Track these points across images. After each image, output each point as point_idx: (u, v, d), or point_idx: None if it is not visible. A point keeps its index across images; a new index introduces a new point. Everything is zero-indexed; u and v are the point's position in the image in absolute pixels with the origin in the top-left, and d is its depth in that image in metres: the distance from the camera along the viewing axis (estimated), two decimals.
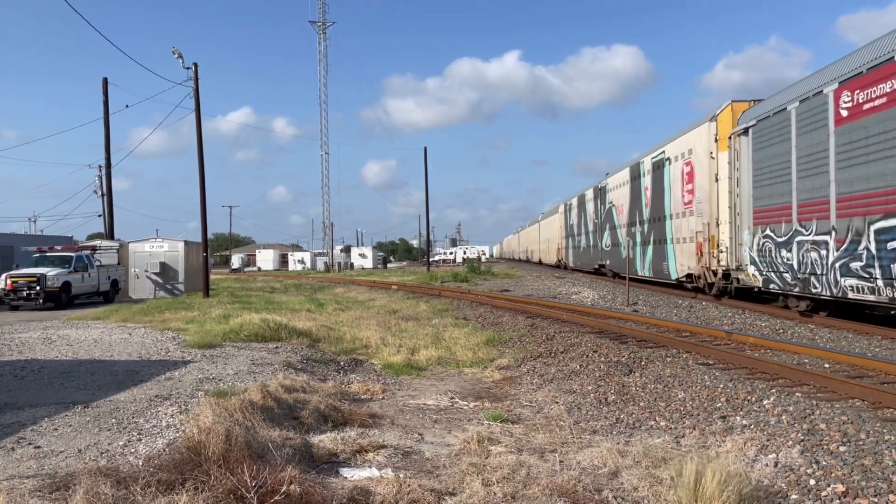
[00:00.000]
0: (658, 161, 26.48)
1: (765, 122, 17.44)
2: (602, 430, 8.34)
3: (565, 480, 6.09)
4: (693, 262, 22.06)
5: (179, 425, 7.78)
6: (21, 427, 7.91)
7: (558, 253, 56.89)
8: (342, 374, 12.64)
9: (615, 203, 34.48)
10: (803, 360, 10.82)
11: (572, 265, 49.47)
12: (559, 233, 56.29)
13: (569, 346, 13.79)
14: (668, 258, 25.14)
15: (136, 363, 12.36)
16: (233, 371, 11.55)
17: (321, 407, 9.05)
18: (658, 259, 26.58)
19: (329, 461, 7.10)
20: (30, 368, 11.76)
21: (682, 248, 23.33)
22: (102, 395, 9.62)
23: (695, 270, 22.05)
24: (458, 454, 7.32)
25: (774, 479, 5.99)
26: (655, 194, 26.74)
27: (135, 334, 16.50)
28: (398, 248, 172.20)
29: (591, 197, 41.35)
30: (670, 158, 24.75)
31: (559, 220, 56.11)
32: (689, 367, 10.74)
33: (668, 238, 25.05)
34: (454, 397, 10.84)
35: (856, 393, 8.24)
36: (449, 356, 14.45)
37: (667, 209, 25.22)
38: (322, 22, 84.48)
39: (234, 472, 5.67)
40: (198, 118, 31.56)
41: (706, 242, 20.69)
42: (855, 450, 6.33)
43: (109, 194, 39.15)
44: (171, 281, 34.59)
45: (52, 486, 5.70)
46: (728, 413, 8.15)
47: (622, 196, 32.67)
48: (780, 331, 14.88)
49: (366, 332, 17.48)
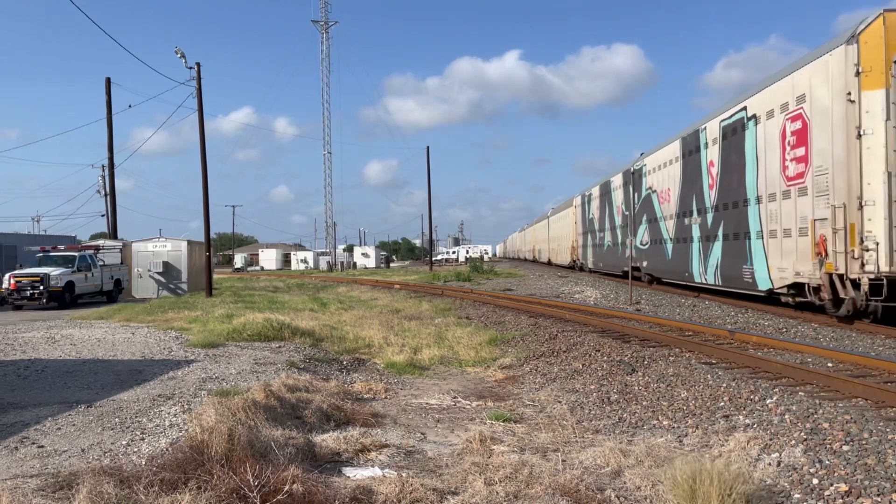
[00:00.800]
0: (733, 124, 19.28)
1: None
2: (605, 429, 8.33)
3: (568, 480, 6.09)
4: (805, 266, 15.06)
5: (182, 425, 7.79)
6: (25, 426, 7.92)
7: (572, 252, 49.95)
8: (345, 374, 12.65)
9: (656, 188, 27.18)
10: (807, 360, 10.80)
11: (592, 266, 41.99)
12: (573, 229, 49.02)
13: (571, 346, 13.78)
14: (753, 259, 18.02)
15: (139, 363, 12.38)
16: (236, 370, 11.56)
17: (324, 406, 9.05)
18: (732, 261, 19.23)
19: (332, 460, 7.11)
20: (33, 368, 11.79)
21: (780, 245, 16.47)
22: (106, 394, 9.64)
23: (809, 278, 14.94)
24: (460, 453, 7.32)
25: (777, 479, 5.98)
26: (728, 170, 19.58)
27: (138, 334, 16.52)
28: (401, 248, 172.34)
29: (620, 184, 33.92)
30: (757, 116, 17.79)
31: (574, 215, 48.70)
32: (692, 366, 10.73)
33: (753, 231, 18.01)
34: (457, 396, 10.84)
35: (859, 392, 8.22)
36: (451, 355, 14.45)
37: (750, 190, 18.16)
38: (324, 21, 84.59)
39: (237, 472, 5.67)
40: (200, 118, 31.62)
41: (835, 235, 13.72)
42: (858, 449, 6.32)
43: (112, 194, 39.22)
44: (175, 280, 34.66)
45: (55, 485, 5.72)
46: (731, 412, 8.14)
47: (668, 178, 25.51)
48: (783, 330, 14.85)
49: (368, 331, 17.48)
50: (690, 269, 22.79)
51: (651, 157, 28.42)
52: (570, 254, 51.04)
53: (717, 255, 20.39)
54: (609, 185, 36.70)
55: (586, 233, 43.87)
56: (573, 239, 49.41)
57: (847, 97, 13.45)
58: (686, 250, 23.16)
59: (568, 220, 51.65)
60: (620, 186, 33.71)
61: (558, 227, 57.98)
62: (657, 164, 27.25)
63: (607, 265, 37.11)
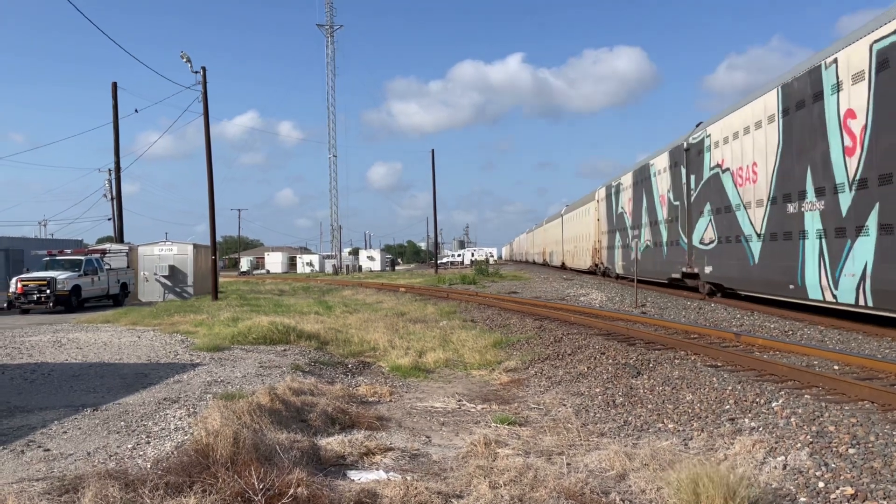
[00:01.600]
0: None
1: None
2: (610, 432, 8.31)
3: (572, 483, 6.08)
4: None
5: (188, 428, 7.81)
6: (31, 430, 7.95)
7: (594, 254, 43.29)
8: (350, 377, 12.66)
9: (729, 165, 20.45)
10: (813, 362, 10.76)
11: (621, 272, 34.84)
12: (595, 228, 42.35)
13: (577, 349, 13.76)
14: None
15: (144, 366, 12.42)
16: (241, 374, 11.58)
17: (329, 409, 9.06)
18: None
19: (336, 464, 7.11)
20: (40, 372, 11.83)
21: None
22: (111, 398, 9.67)
23: None
24: (465, 457, 7.31)
25: (783, 482, 5.96)
26: (889, 121, 12.47)
27: (144, 337, 16.57)
28: (406, 251, 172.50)
29: (665, 166, 27.15)
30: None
31: (596, 211, 42.02)
32: (698, 369, 10.71)
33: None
34: (461, 400, 10.83)
35: (865, 395, 8.19)
36: (456, 358, 14.44)
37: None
38: (329, 25, 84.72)
39: (242, 475, 5.69)
40: (206, 122, 31.73)
41: None
42: (864, 452, 6.29)
43: (119, 198, 39.35)
44: (181, 284, 34.74)
45: (60, 488, 5.73)
46: (736, 415, 8.11)
47: (751, 149, 18.82)
48: (789, 332, 14.80)
49: (374, 334, 17.49)
50: (800, 279, 15.88)
51: (719, 125, 21.33)
52: (590, 256, 44.66)
53: (866, 259, 13.27)
54: (647, 171, 29.70)
55: (613, 231, 37.08)
56: (595, 239, 42.84)
57: None
58: (791, 251, 16.33)
59: (588, 217, 44.82)
60: (666, 169, 26.99)
61: (575, 225, 51.61)
62: (731, 131, 20.31)
63: (645, 270, 29.25)
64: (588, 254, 45.35)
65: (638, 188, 31.60)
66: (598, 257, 42.08)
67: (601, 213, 40.82)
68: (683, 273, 23.04)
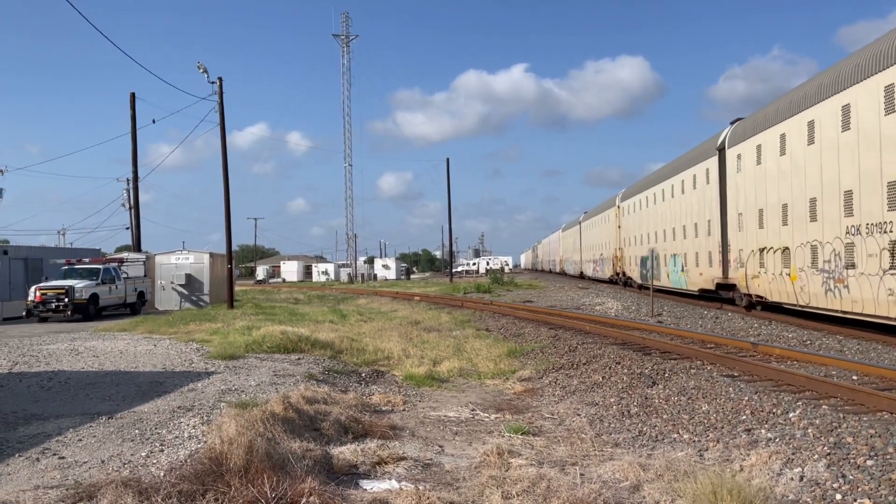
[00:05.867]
0: None
1: None
2: (624, 442, 8.25)
3: (586, 494, 6.03)
4: None
5: (201, 436, 7.84)
6: (46, 438, 8.01)
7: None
8: (363, 386, 12.66)
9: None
10: (831, 372, 10.63)
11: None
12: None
13: (591, 358, 13.68)
14: None
15: (160, 374, 12.49)
16: (255, 382, 11.62)
17: (342, 418, 9.06)
18: None
19: (349, 473, 7.11)
20: (56, 379, 11.93)
21: None
22: (126, 406, 9.72)
23: None
24: (478, 467, 7.28)
25: (800, 494, 5.88)
26: None
27: (160, 345, 16.67)
28: (421, 259, 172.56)
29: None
30: None
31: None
32: (714, 379, 10.61)
33: None
34: (475, 409, 10.80)
35: (884, 406, 8.07)
36: (470, 367, 14.41)
37: None
38: (345, 35, 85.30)
39: (255, 484, 5.69)
40: (223, 132, 31.97)
41: None
42: (882, 464, 6.19)
43: (136, 207, 39.70)
44: (197, 292, 34.94)
45: (75, 496, 5.77)
46: (753, 426, 8.02)
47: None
48: (807, 342, 14.64)
49: (388, 343, 17.49)
50: None
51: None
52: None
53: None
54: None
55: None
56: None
57: None
58: None
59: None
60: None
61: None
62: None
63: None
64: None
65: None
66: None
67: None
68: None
